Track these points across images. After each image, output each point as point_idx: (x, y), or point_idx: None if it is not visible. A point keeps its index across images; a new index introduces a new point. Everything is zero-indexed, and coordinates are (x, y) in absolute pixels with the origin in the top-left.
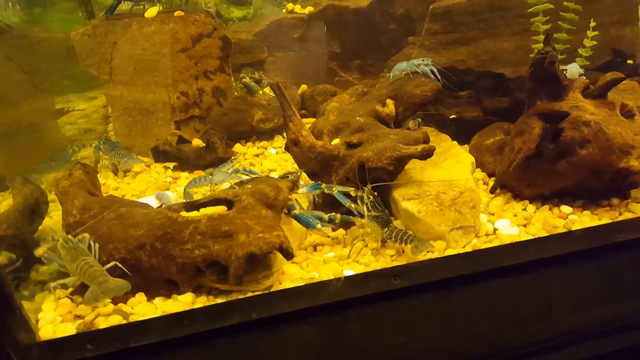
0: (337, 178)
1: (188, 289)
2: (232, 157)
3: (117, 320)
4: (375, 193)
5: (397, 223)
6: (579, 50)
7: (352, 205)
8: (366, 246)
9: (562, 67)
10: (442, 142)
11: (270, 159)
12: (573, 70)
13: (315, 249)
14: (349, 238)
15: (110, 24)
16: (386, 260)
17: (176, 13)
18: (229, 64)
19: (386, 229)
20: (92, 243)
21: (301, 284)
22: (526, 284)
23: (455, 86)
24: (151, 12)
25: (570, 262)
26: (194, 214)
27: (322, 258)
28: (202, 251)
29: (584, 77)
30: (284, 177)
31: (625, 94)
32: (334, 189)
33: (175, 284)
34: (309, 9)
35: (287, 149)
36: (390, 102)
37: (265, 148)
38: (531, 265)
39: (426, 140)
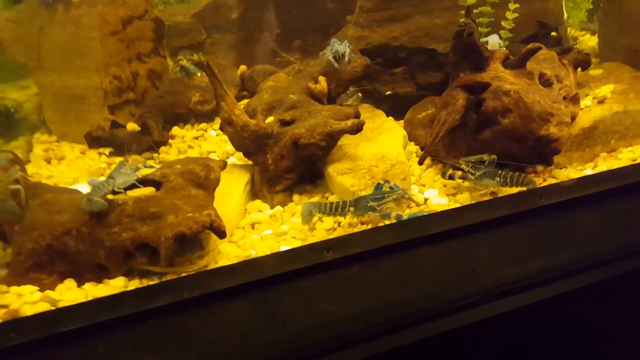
0: (272, 156)
1: (119, 273)
2: (124, 157)
3: (44, 307)
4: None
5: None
6: (502, 23)
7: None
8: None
9: (483, 39)
10: (377, 118)
11: (210, 140)
12: (493, 41)
13: (253, 227)
14: (286, 215)
15: (35, 8)
16: (322, 234)
17: None
18: (163, 46)
19: (498, 178)
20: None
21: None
22: (452, 249)
23: (390, 63)
24: None
25: (495, 228)
26: (121, 196)
27: (259, 236)
28: (130, 234)
29: (505, 48)
30: None
31: (544, 64)
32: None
33: (106, 268)
34: None
35: (221, 128)
36: (322, 79)
37: (205, 130)
38: (457, 232)
39: (357, 115)
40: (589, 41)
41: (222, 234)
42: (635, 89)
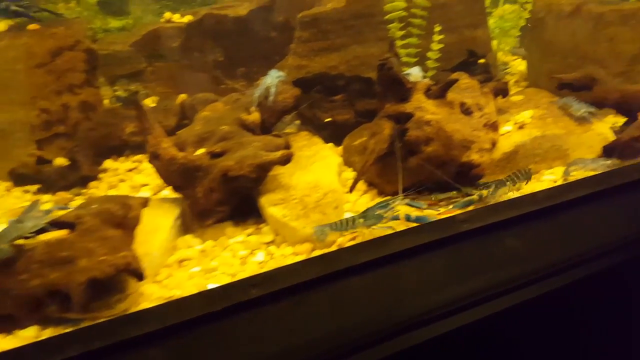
0: (202, 189)
1: (30, 322)
2: (35, 200)
3: None
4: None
5: (266, 229)
6: (428, 53)
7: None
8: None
9: (406, 69)
10: (314, 146)
11: (144, 173)
12: (415, 73)
13: (181, 265)
14: (218, 249)
15: None
16: (253, 267)
17: (30, 26)
18: (96, 77)
19: (508, 182)
20: None
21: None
22: (379, 278)
23: (329, 91)
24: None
25: (421, 254)
26: (30, 241)
27: (187, 274)
28: (40, 280)
29: (428, 79)
30: None
31: (465, 93)
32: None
33: (17, 318)
34: (187, 18)
35: (150, 162)
36: (254, 110)
37: (140, 162)
38: (384, 261)
39: (287, 145)
40: (519, 66)
41: (140, 276)
42: (553, 113)
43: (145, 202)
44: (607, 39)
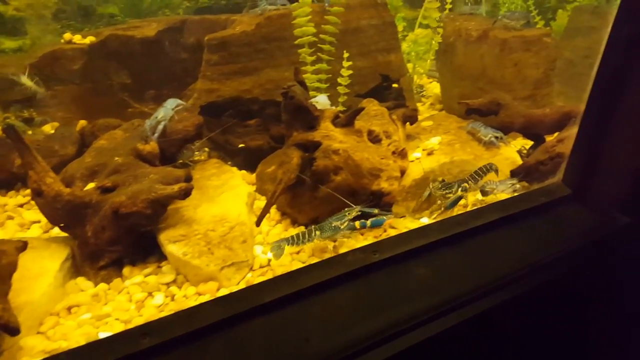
0: (92, 228)
1: None
2: None
3: None
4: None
5: (166, 268)
6: (338, 79)
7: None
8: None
9: (317, 94)
10: (224, 174)
11: (36, 208)
12: (322, 101)
13: (69, 312)
14: (112, 293)
15: None
16: (151, 311)
17: None
18: None
19: (470, 181)
20: None
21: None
22: (285, 317)
23: (243, 115)
24: None
25: (330, 289)
26: None
27: (75, 322)
28: None
29: (334, 107)
30: None
31: (374, 120)
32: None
33: None
34: (89, 39)
35: (33, 199)
36: (152, 139)
37: None
38: (290, 298)
39: (187, 178)
40: (434, 88)
41: (13, 331)
42: (461, 139)
43: (23, 246)
44: (512, 64)
